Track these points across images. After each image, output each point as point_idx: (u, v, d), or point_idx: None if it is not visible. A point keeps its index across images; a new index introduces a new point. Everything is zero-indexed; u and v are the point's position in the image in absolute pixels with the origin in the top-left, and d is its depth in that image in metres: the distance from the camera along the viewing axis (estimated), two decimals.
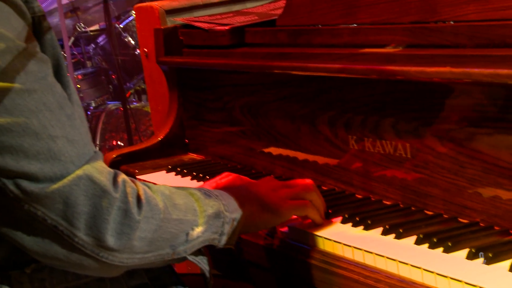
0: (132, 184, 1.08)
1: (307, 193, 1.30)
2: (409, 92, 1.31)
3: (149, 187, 1.12)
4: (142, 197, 1.07)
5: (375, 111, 1.38)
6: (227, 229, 1.19)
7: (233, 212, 1.21)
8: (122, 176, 1.08)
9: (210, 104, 1.88)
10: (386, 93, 1.36)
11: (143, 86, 5.17)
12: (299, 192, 1.29)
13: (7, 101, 0.97)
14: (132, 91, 5.11)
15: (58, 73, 1.09)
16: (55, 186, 1.00)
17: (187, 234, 1.13)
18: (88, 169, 1.02)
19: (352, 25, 1.48)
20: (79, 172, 1.01)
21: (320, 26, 1.55)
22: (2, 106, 0.97)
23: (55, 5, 4.42)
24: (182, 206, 1.14)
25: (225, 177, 1.35)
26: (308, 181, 1.33)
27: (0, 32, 0.98)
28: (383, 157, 1.37)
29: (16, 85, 0.98)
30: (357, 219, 1.28)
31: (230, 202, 1.22)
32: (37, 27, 1.08)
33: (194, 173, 1.73)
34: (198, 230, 1.15)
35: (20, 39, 1.01)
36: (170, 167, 1.83)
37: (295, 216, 1.32)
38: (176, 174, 1.79)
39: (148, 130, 4.32)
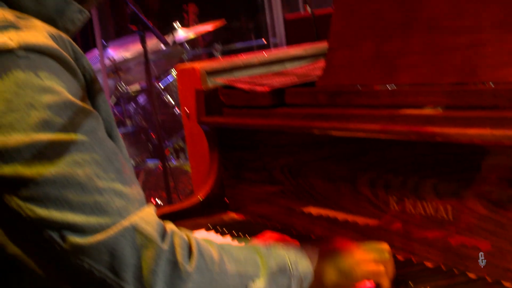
0: (183, 235, 1.05)
1: (382, 260, 1.25)
2: (450, 154, 1.31)
3: (205, 240, 1.10)
4: (194, 248, 1.04)
5: (416, 172, 1.38)
6: (294, 286, 1.15)
7: (301, 268, 1.16)
8: (171, 227, 1.05)
9: (250, 163, 1.90)
10: (426, 154, 1.36)
11: (181, 145, 5.23)
12: (374, 257, 1.25)
13: (52, 153, 0.98)
14: (171, 149, 5.17)
15: (110, 130, 1.12)
16: (101, 237, 0.99)
17: (247, 287, 1.09)
18: (135, 220, 1.01)
19: (391, 86, 1.49)
20: (125, 223, 1.00)
21: (359, 87, 1.57)
22: (47, 157, 0.98)
23: (98, 66, 4.53)
24: (241, 259, 1.11)
25: (268, 238, 1.34)
26: (385, 246, 1.29)
27: (48, 85, 1.01)
28: (424, 218, 1.36)
29: (62, 137, 0.99)
30: (399, 279, 1.27)
31: (299, 258, 1.17)
32: (89, 84, 1.11)
33: (234, 233, 1.74)
34: (260, 284, 1.10)
35: (70, 94, 1.03)
36: (210, 226, 1.84)
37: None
38: (216, 233, 1.80)
39: (187, 189, 4.36)
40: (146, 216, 1.03)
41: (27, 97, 0.99)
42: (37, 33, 1.04)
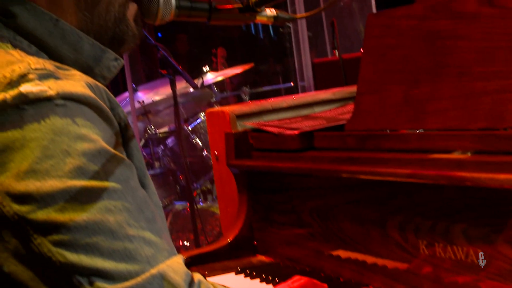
0: (209, 285, 1.07)
1: None
2: (480, 198, 1.31)
3: None
4: None
5: (445, 216, 1.38)
6: None
7: None
8: (199, 277, 1.07)
9: (279, 206, 1.91)
10: (456, 199, 1.36)
11: (209, 187, 5.25)
12: None
13: (85, 199, 1.00)
14: (198, 191, 5.20)
15: (142, 178, 1.14)
16: (129, 284, 1.00)
17: None
18: (163, 268, 1.02)
19: (420, 131, 1.50)
20: (153, 271, 1.01)
21: (388, 131, 1.58)
22: (80, 203, 1.00)
23: (128, 109, 4.60)
24: None
25: (297, 281, 1.35)
26: None
27: (84, 133, 1.03)
28: (454, 263, 1.36)
29: (95, 184, 1.01)
30: None
31: None
32: (124, 132, 1.14)
33: (263, 276, 1.74)
34: None
35: (108, 144, 1.06)
36: (239, 269, 1.85)
37: None
38: (245, 276, 1.80)
39: (214, 230, 4.36)
40: (174, 265, 1.04)
41: (63, 144, 1.01)
42: (75, 82, 1.07)
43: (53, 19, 1.16)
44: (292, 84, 5.83)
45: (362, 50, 1.72)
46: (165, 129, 5.36)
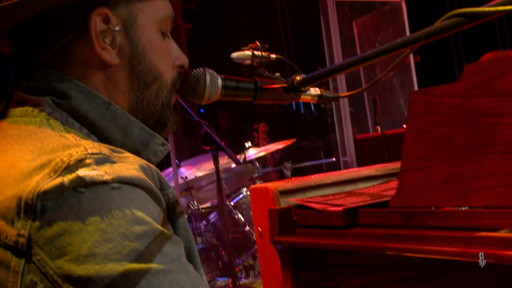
0: None
1: None
2: None
3: None
4: None
5: None
6: None
7: None
8: None
9: (323, 283, 1.89)
10: (504, 278, 1.34)
11: (251, 262, 5.22)
12: None
13: (142, 282, 1.02)
14: (240, 267, 5.17)
15: (191, 255, 1.16)
16: None
17: None
18: None
19: (466, 208, 1.49)
20: None
21: (433, 208, 1.57)
22: (138, 286, 1.01)
23: (171, 184, 4.64)
24: None
25: None
26: None
27: (139, 216, 1.06)
28: None
29: (151, 266, 1.03)
30: None
31: None
32: (171, 212, 1.16)
33: None
34: None
35: (157, 223, 1.08)
36: None
37: None
38: None
39: None
40: None
41: (120, 227, 1.04)
42: (130, 165, 1.10)
43: (105, 102, 1.20)
44: (334, 159, 5.84)
45: (404, 126, 1.73)
46: (207, 204, 5.39)
